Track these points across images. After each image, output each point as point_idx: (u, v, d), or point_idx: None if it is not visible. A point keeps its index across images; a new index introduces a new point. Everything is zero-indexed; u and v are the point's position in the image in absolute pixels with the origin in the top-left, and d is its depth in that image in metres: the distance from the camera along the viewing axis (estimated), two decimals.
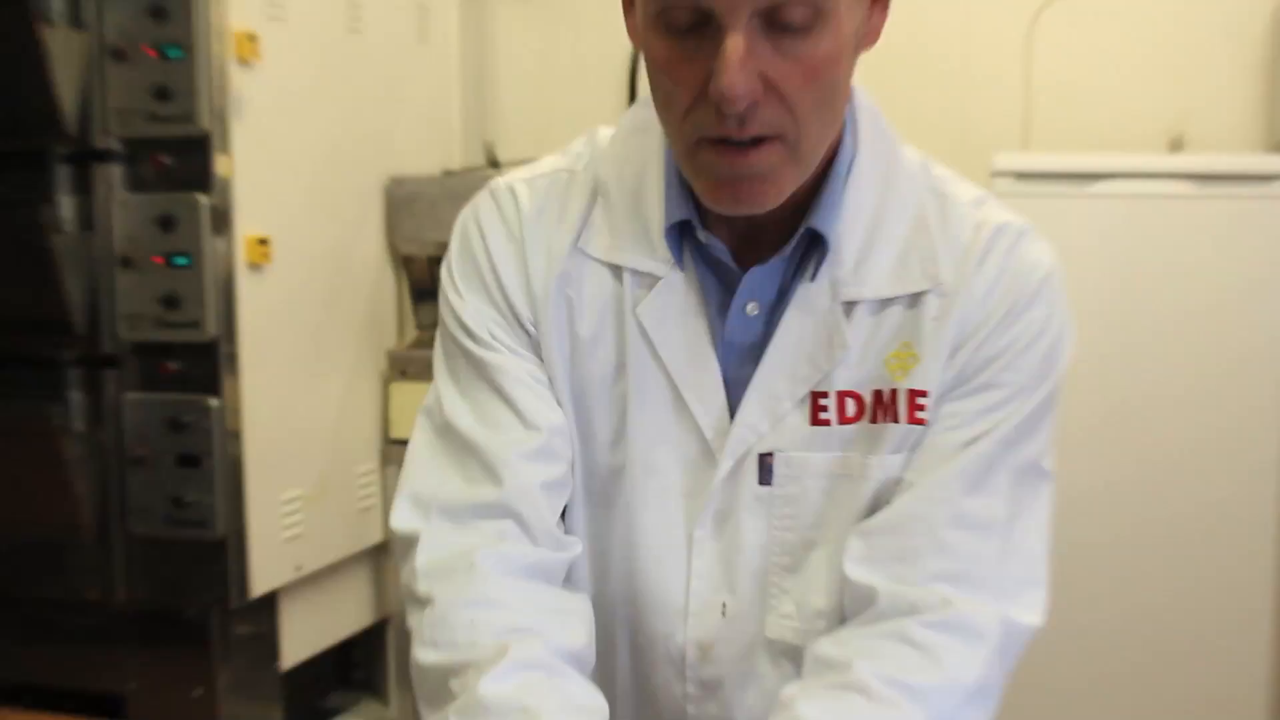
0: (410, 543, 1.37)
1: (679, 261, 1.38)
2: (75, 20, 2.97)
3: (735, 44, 1.17)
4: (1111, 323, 3.19)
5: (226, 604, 3.11)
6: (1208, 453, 3.23)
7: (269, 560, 3.20)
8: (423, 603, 1.32)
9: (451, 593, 1.30)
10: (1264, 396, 3.20)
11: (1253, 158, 3.43)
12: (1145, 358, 3.24)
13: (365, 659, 3.91)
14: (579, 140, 1.50)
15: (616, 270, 1.40)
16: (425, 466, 1.42)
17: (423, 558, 1.34)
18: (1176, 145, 3.66)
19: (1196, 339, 3.21)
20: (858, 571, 1.33)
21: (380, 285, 3.62)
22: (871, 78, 1.44)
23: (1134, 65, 3.72)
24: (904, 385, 1.35)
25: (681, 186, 1.36)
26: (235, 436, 3.07)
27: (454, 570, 1.32)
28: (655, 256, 1.38)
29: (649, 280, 1.39)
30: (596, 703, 1.27)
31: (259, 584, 3.17)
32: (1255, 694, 3.28)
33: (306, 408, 3.34)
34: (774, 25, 1.18)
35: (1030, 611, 1.33)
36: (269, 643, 3.31)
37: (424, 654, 1.30)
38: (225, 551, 3.08)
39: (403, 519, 1.39)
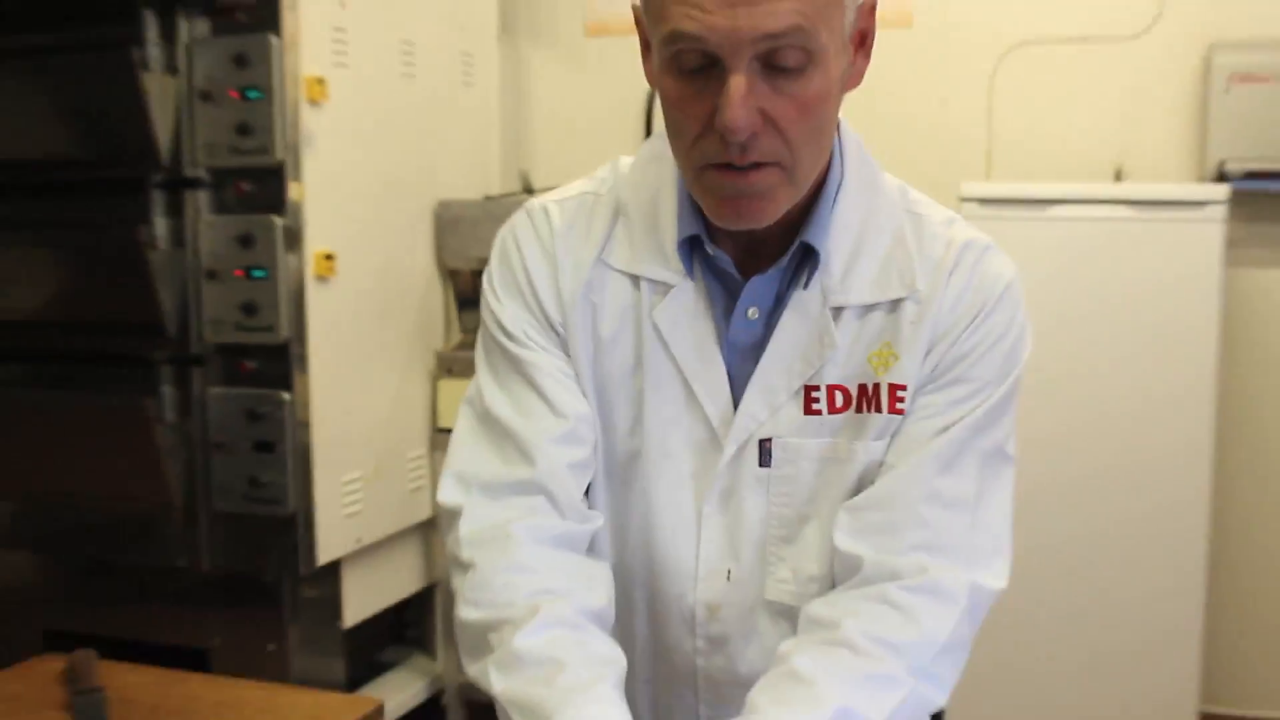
0: (454, 515, 1.36)
1: (689, 272, 1.38)
2: (170, 67, 2.98)
3: (738, 83, 1.18)
4: (1064, 327, 3.20)
5: (296, 571, 3.12)
6: (1147, 438, 3.25)
7: (333, 533, 3.20)
8: (465, 567, 1.32)
9: (490, 559, 1.30)
10: (1195, 390, 3.23)
11: (1184, 186, 3.43)
12: (1092, 358, 3.25)
13: (416, 619, 3.92)
14: (603, 168, 1.50)
15: (635, 279, 1.40)
16: (467, 449, 1.41)
17: (465, 528, 1.34)
18: (1119, 175, 3.66)
19: (1136, 340, 3.24)
20: (846, 542, 1.32)
21: (429, 295, 3.62)
22: (858, 114, 1.44)
23: (1082, 106, 3.72)
24: (885, 380, 1.35)
25: (692, 206, 1.36)
26: (304, 426, 3.07)
27: (492, 539, 1.31)
28: (669, 267, 1.38)
29: (663, 288, 1.38)
30: (616, 655, 1.27)
31: (324, 553, 3.17)
32: (1188, 679, 3.28)
33: (365, 401, 3.34)
34: (771, 67, 1.20)
35: (995, 577, 1.32)
36: (333, 604, 3.31)
37: (466, 612, 1.30)
38: (295, 525, 3.09)
39: (448, 494, 1.39)
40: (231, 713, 1.63)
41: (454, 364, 3.60)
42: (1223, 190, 3.22)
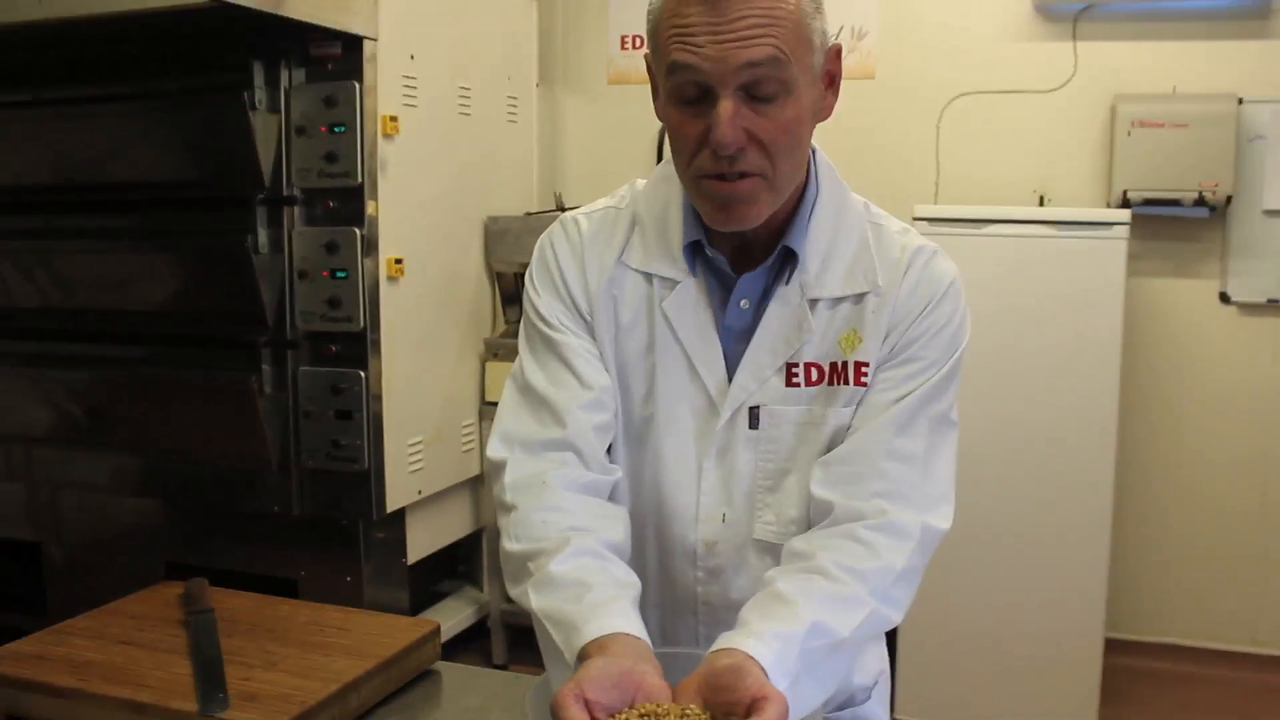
0: (500, 467, 1.35)
1: (693, 270, 1.37)
2: (273, 107, 2.98)
3: (726, 108, 1.20)
4: (997, 324, 3.19)
5: (369, 516, 3.12)
6: (1064, 412, 3.25)
7: (399, 486, 3.20)
8: (508, 509, 1.31)
9: (529, 501, 1.29)
10: (1103, 373, 3.22)
11: (1094, 211, 3.43)
12: (1020, 348, 3.24)
13: (466, 556, 3.93)
14: (623, 187, 1.49)
15: (648, 276, 1.39)
16: (511, 414, 1.40)
17: (509, 477, 1.33)
18: (1041, 201, 3.65)
19: (1055, 334, 3.24)
20: (819, 491, 1.31)
21: (480, 292, 3.62)
22: (833, 147, 1.44)
23: (1012, 145, 3.71)
24: (852, 358, 1.34)
25: (695, 216, 1.35)
26: (377, 398, 3.07)
27: (531, 486, 1.30)
28: (676, 267, 1.37)
29: (671, 283, 1.37)
30: (633, 580, 1.25)
31: (392, 503, 3.18)
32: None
33: (427, 378, 3.34)
34: (754, 96, 1.21)
35: (942, 519, 1.31)
36: (399, 544, 3.32)
37: (509, 545, 1.29)
38: (369, 480, 3.09)
39: (494, 451, 1.38)
40: (315, 630, 1.62)
41: (499, 349, 3.59)
42: (1126, 214, 3.21)
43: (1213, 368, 3.64)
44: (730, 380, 1.36)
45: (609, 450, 1.39)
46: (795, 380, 1.35)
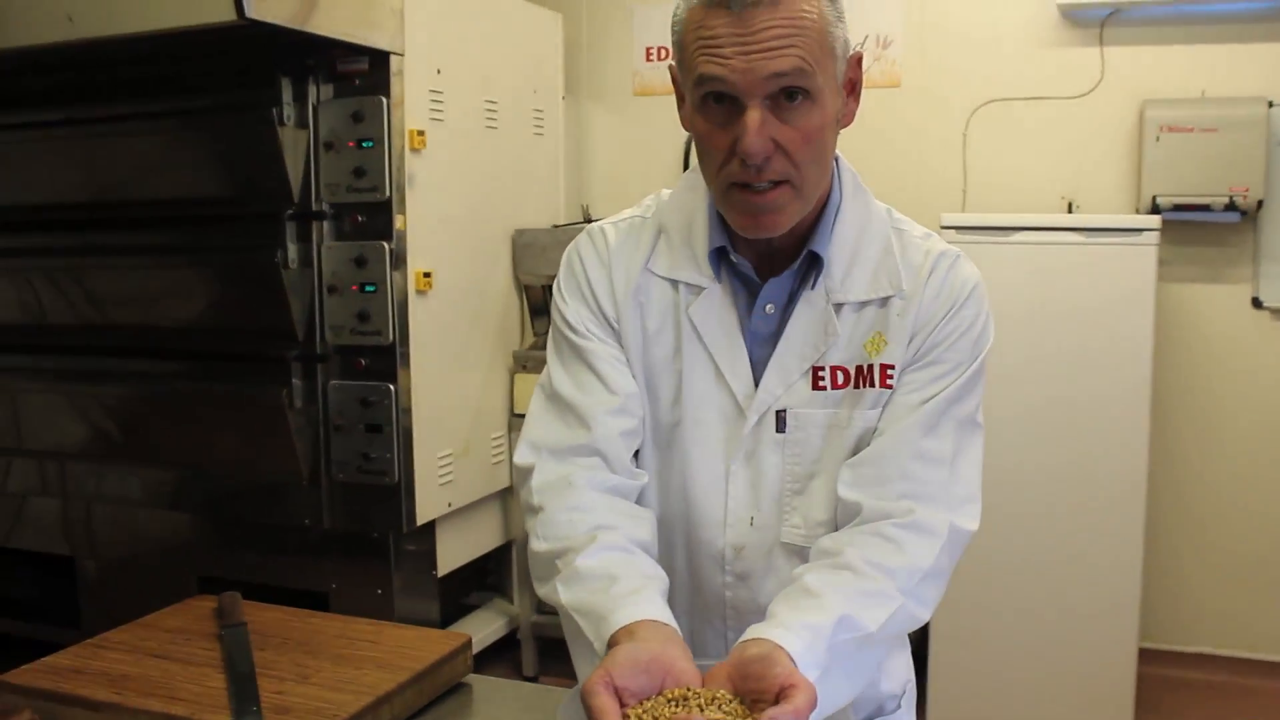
0: (527, 472, 1.37)
1: (718, 276, 1.38)
2: (301, 123, 3.00)
3: (753, 116, 1.21)
4: (1027, 332, 3.19)
5: (399, 529, 3.14)
6: (1095, 418, 3.23)
7: (429, 499, 3.21)
8: (535, 511, 1.33)
9: (556, 502, 1.31)
10: (1134, 379, 3.20)
11: (1123, 217, 3.42)
12: (1049, 356, 3.23)
13: (496, 568, 3.93)
14: (649, 197, 1.50)
15: (674, 283, 1.40)
16: (538, 421, 1.42)
17: (536, 481, 1.35)
18: (1070, 208, 3.65)
19: (1085, 342, 3.22)
20: (847, 493, 1.32)
21: (508, 305, 3.63)
22: (859, 157, 1.46)
23: (1040, 151, 3.71)
24: (877, 361, 1.35)
25: (720, 223, 1.37)
26: (407, 411, 3.09)
27: (557, 487, 1.32)
28: (701, 273, 1.38)
29: (697, 290, 1.39)
30: (659, 572, 1.27)
31: (422, 515, 3.19)
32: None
33: (456, 391, 3.36)
34: (780, 105, 1.22)
35: (970, 519, 1.32)
36: (429, 557, 3.33)
37: (537, 545, 1.31)
38: (399, 492, 3.11)
39: (522, 457, 1.39)
40: (347, 644, 1.62)
41: (527, 361, 3.61)
42: (1155, 220, 3.20)
43: (1245, 373, 3.61)
44: (757, 384, 1.37)
45: (636, 456, 1.41)
46: (821, 384, 1.36)
